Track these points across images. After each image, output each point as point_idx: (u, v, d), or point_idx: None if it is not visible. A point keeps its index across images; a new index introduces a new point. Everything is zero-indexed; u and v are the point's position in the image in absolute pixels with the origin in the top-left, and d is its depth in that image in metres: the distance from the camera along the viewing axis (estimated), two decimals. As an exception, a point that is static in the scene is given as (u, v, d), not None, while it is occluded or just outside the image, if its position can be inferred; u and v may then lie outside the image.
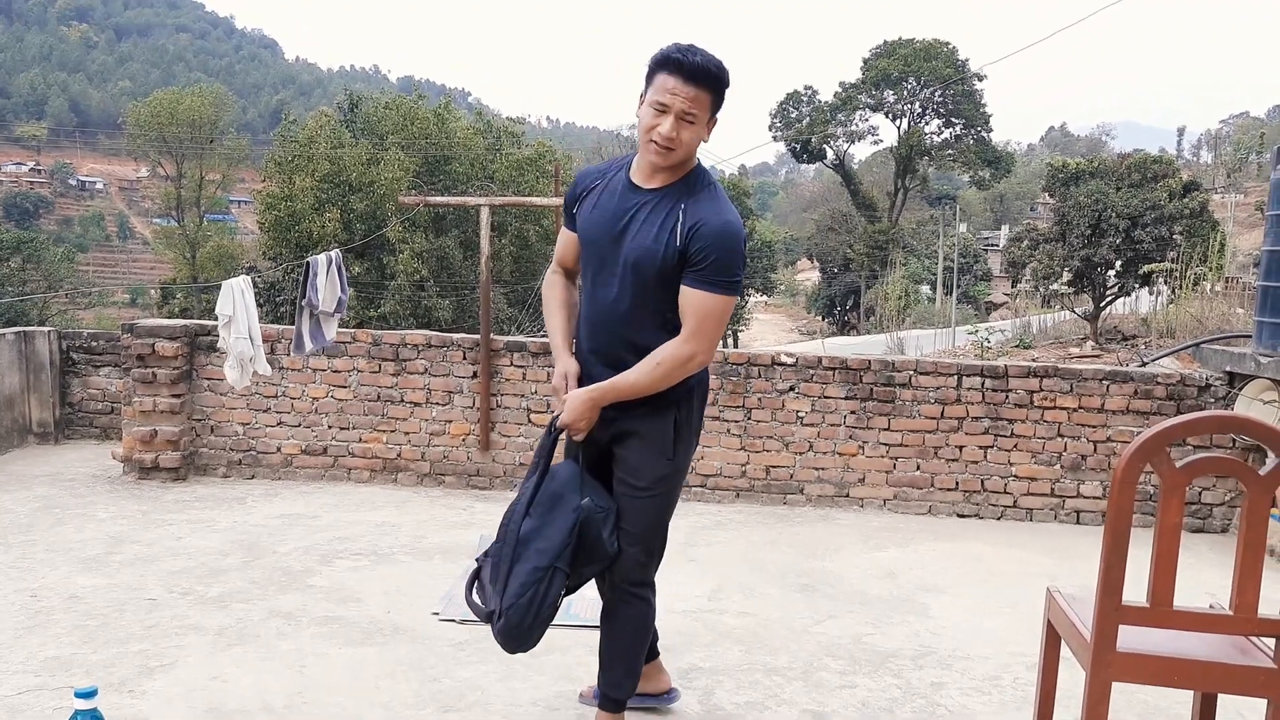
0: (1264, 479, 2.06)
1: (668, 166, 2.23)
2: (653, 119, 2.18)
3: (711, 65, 2.17)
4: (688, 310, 2.23)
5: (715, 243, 2.19)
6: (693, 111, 2.16)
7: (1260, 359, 4.77)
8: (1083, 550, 4.60)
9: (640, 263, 2.23)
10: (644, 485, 2.36)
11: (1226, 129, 70.16)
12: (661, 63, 2.18)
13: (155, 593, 3.59)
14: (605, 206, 2.31)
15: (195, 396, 5.54)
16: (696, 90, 2.16)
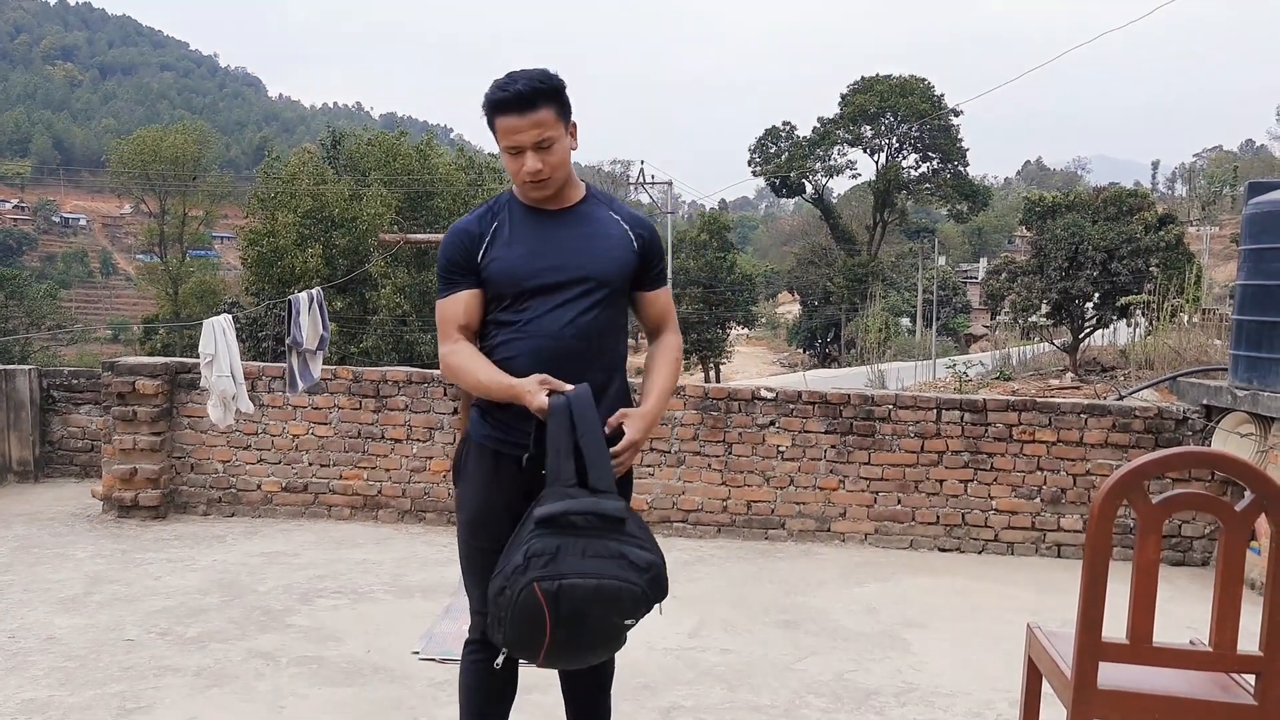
0: (1240, 515, 2.08)
1: (552, 194, 2.16)
2: (513, 163, 2.11)
3: (535, 83, 2.06)
4: (664, 308, 2.31)
5: (658, 243, 2.32)
6: (544, 136, 2.07)
7: (1236, 392, 4.84)
8: (1064, 584, 4.62)
9: (608, 274, 2.17)
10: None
11: (1200, 162, 71.66)
12: (491, 109, 2.09)
13: (133, 633, 3.54)
14: (525, 239, 2.15)
15: (175, 434, 5.50)
16: (536, 114, 2.05)
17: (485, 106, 2.10)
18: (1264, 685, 2.07)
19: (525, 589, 1.89)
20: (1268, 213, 4.72)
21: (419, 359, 22.77)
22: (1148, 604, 2.09)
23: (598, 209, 2.23)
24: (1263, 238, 4.74)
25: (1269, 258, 4.69)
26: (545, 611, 1.88)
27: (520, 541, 1.96)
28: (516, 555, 1.93)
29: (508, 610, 1.91)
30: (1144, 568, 2.09)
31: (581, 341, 2.13)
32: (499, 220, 2.19)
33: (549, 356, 2.10)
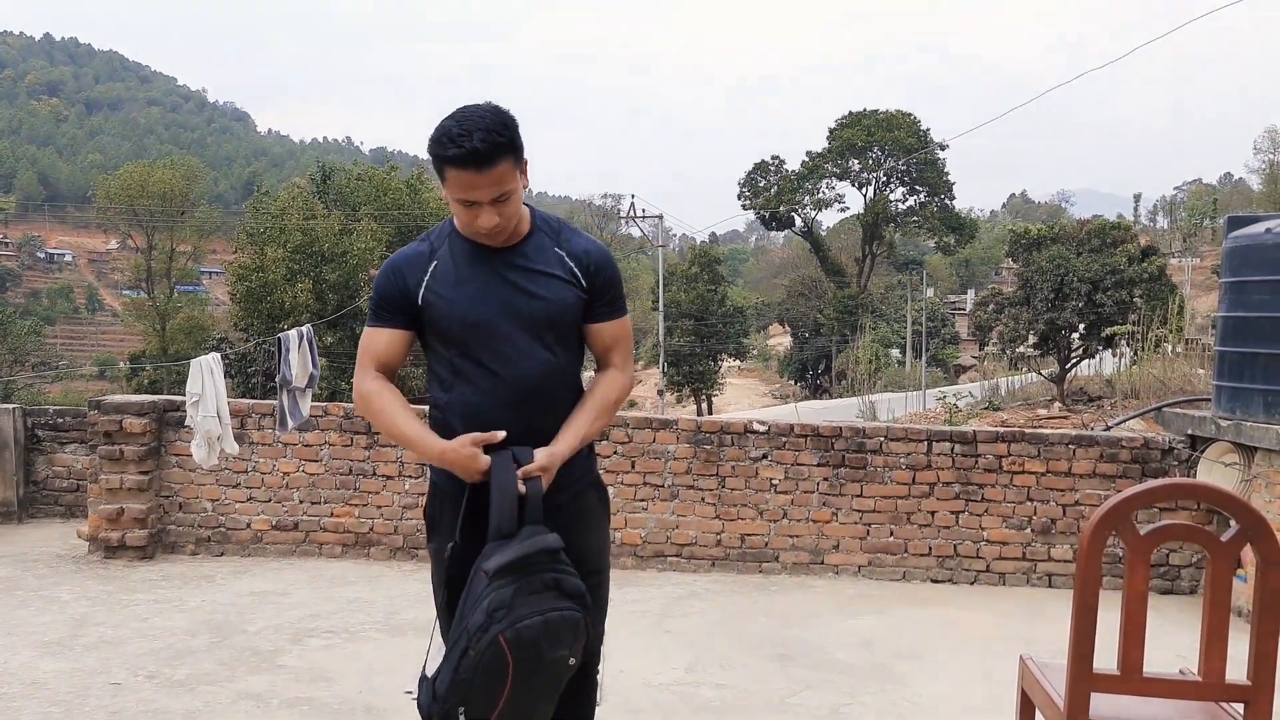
0: (1226, 545, 2.11)
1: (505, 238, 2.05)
2: (466, 214, 1.98)
3: (493, 136, 1.91)
4: (612, 342, 2.16)
5: (612, 272, 2.15)
6: (504, 191, 1.95)
7: (1220, 423, 4.89)
8: (1056, 614, 4.62)
9: (559, 318, 2.06)
10: (603, 567, 2.16)
11: (1180, 195, 72.80)
12: (443, 162, 1.94)
13: (120, 676, 3.50)
14: (471, 277, 2.04)
15: (163, 473, 5.47)
16: (495, 169, 1.92)
17: (435, 156, 1.94)
18: (1252, 714, 2.09)
19: (490, 644, 1.85)
20: (1246, 246, 4.82)
21: (410, 394, 22.66)
22: (1138, 634, 2.11)
23: (543, 244, 2.09)
24: (1243, 270, 4.82)
25: (1249, 290, 4.77)
26: (509, 660, 1.86)
27: (478, 596, 1.90)
28: (477, 614, 1.88)
29: (473, 671, 1.85)
30: (1133, 598, 2.12)
31: (535, 388, 2.04)
32: (439, 257, 2.07)
33: (504, 398, 2.01)
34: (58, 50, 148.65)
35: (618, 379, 2.16)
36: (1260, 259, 4.70)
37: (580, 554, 2.05)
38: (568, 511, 2.06)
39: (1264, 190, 48.96)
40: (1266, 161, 53.43)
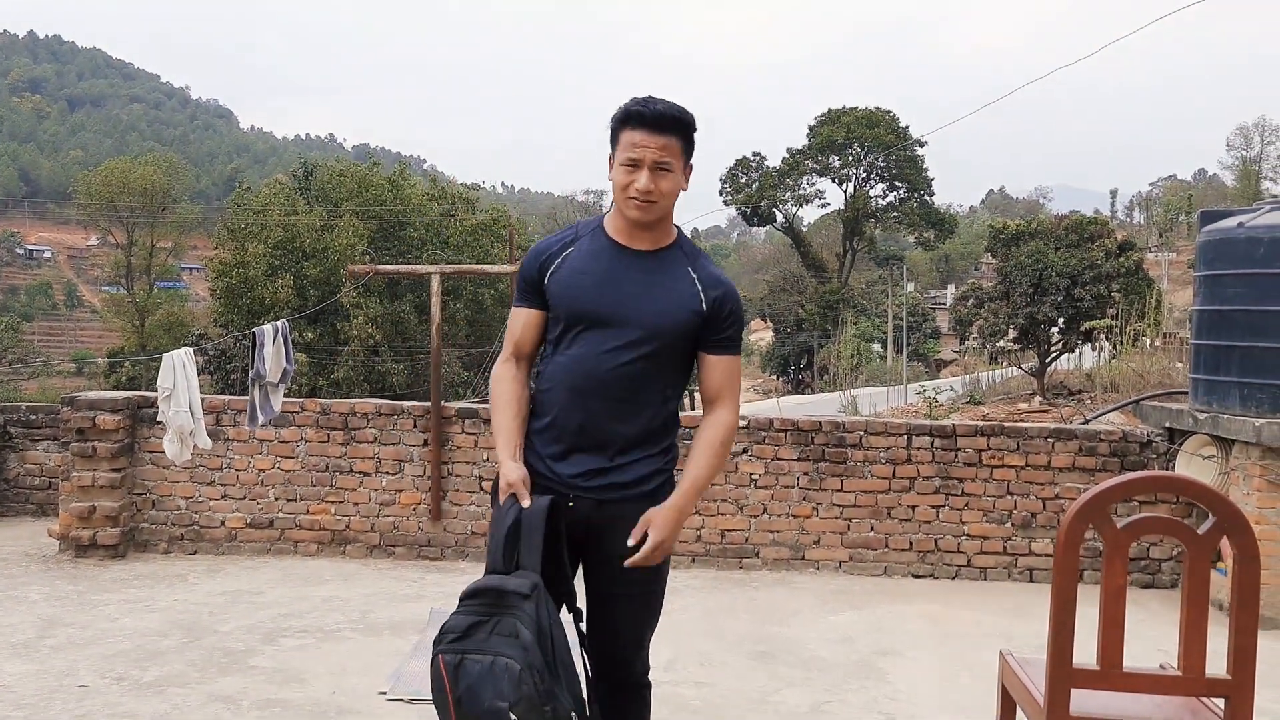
0: (1202, 538, 2.10)
1: (650, 221, 2.12)
2: (626, 176, 2.08)
3: (674, 110, 2.09)
4: (723, 378, 2.18)
5: (737, 308, 2.19)
6: (666, 160, 2.07)
7: (1197, 415, 4.91)
8: (1036, 609, 4.62)
9: (662, 327, 2.10)
10: (659, 575, 2.19)
11: (1156, 191, 73.62)
12: (624, 119, 2.09)
13: (87, 679, 3.42)
14: (594, 269, 2.13)
15: (136, 470, 5.37)
16: (665, 138, 2.06)
17: (618, 115, 2.10)
18: (1232, 708, 2.08)
19: (434, 659, 1.95)
20: (1220, 240, 4.84)
21: (391, 390, 22.58)
22: (1117, 628, 2.09)
23: (677, 261, 2.16)
24: (1216, 264, 4.84)
25: (1223, 283, 4.79)
26: (446, 684, 1.91)
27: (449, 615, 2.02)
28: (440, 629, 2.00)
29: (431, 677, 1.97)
30: (1112, 592, 2.10)
31: (616, 387, 2.10)
32: (577, 244, 2.18)
33: (581, 388, 2.10)
34: (41, 48, 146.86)
35: (726, 419, 2.18)
36: (1234, 253, 4.72)
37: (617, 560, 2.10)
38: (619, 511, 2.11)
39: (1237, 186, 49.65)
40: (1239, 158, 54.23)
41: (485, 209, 29.97)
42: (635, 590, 2.16)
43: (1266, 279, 4.58)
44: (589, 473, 2.12)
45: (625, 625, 2.19)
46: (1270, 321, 4.57)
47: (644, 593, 2.18)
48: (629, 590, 2.16)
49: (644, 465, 2.14)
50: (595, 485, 2.12)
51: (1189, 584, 2.12)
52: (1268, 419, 4.49)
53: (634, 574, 2.11)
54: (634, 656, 2.22)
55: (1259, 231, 4.63)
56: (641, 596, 2.18)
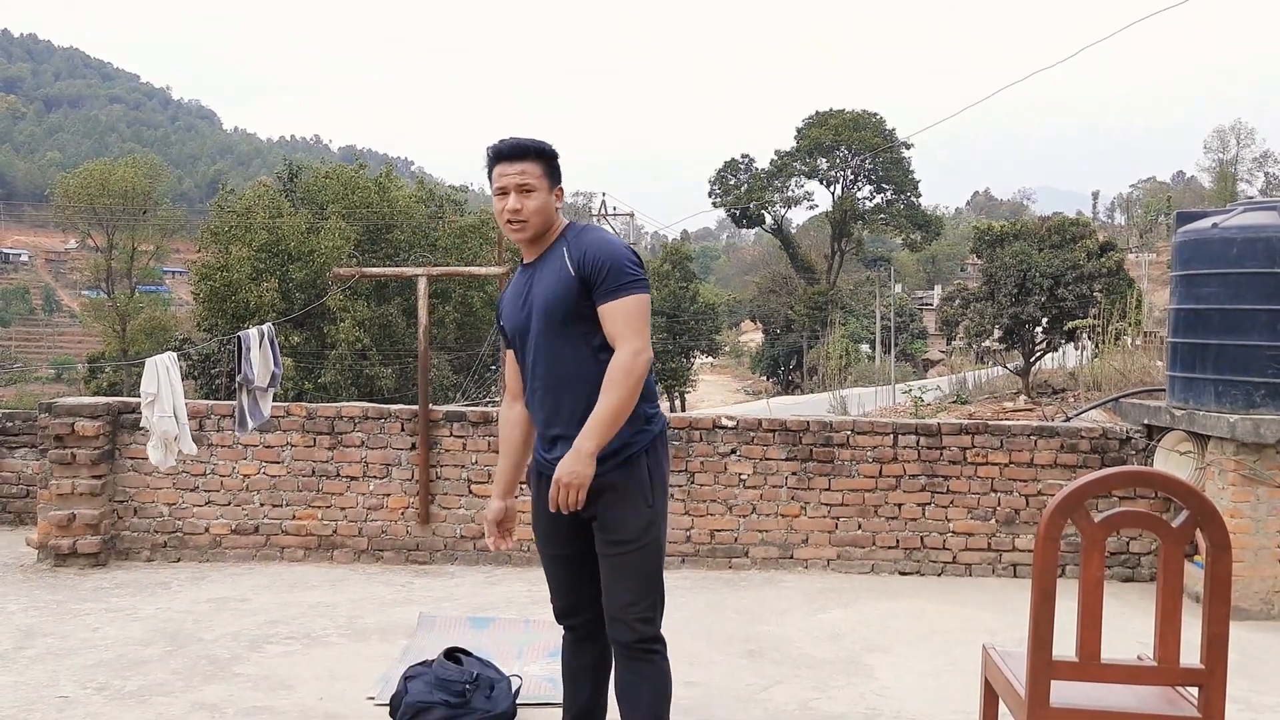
0: (1176, 531, 2.14)
1: (529, 238, 2.44)
2: (499, 203, 2.42)
3: (526, 141, 2.43)
4: (613, 322, 2.36)
5: (602, 257, 2.37)
6: (526, 183, 2.39)
7: (1174, 412, 4.98)
8: (1020, 604, 4.63)
9: (549, 306, 2.39)
10: (631, 538, 2.40)
11: (1136, 192, 74.33)
12: (490, 160, 2.44)
13: (68, 689, 3.39)
14: (516, 293, 2.53)
15: (117, 477, 5.33)
16: (522, 164, 2.39)
17: (486, 160, 2.45)
18: (1206, 697, 2.12)
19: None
20: (1195, 240, 4.91)
21: (379, 394, 22.50)
22: (1094, 621, 2.13)
23: (556, 249, 2.45)
24: (1192, 264, 4.91)
25: (1198, 283, 4.86)
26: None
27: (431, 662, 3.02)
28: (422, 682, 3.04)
29: None
30: (1089, 585, 2.14)
31: (550, 368, 2.42)
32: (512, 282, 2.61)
33: (536, 387, 2.47)
34: (16, 46, 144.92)
35: (621, 357, 2.34)
36: (1208, 253, 4.79)
37: (608, 525, 2.41)
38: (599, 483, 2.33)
39: (1214, 188, 50.28)
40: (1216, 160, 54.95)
41: (473, 211, 29.90)
42: (613, 553, 2.41)
43: (1240, 278, 4.65)
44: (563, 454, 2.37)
45: (615, 585, 2.42)
46: (1244, 320, 4.64)
47: (623, 554, 2.40)
48: (608, 552, 2.42)
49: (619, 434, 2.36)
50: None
51: (1164, 576, 2.16)
52: (1242, 415, 4.56)
53: (610, 537, 2.40)
54: (624, 615, 2.41)
55: (1232, 232, 4.71)
56: (622, 558, 2.40)
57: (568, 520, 2.42)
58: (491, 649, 3.63)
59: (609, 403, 2.31)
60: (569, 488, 2.27)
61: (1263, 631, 4.36)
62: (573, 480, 2.27)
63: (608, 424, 2.31)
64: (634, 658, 2.43)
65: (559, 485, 2.27)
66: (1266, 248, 4.58)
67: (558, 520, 2.43)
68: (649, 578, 2.43)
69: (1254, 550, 4.57)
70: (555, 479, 2.29)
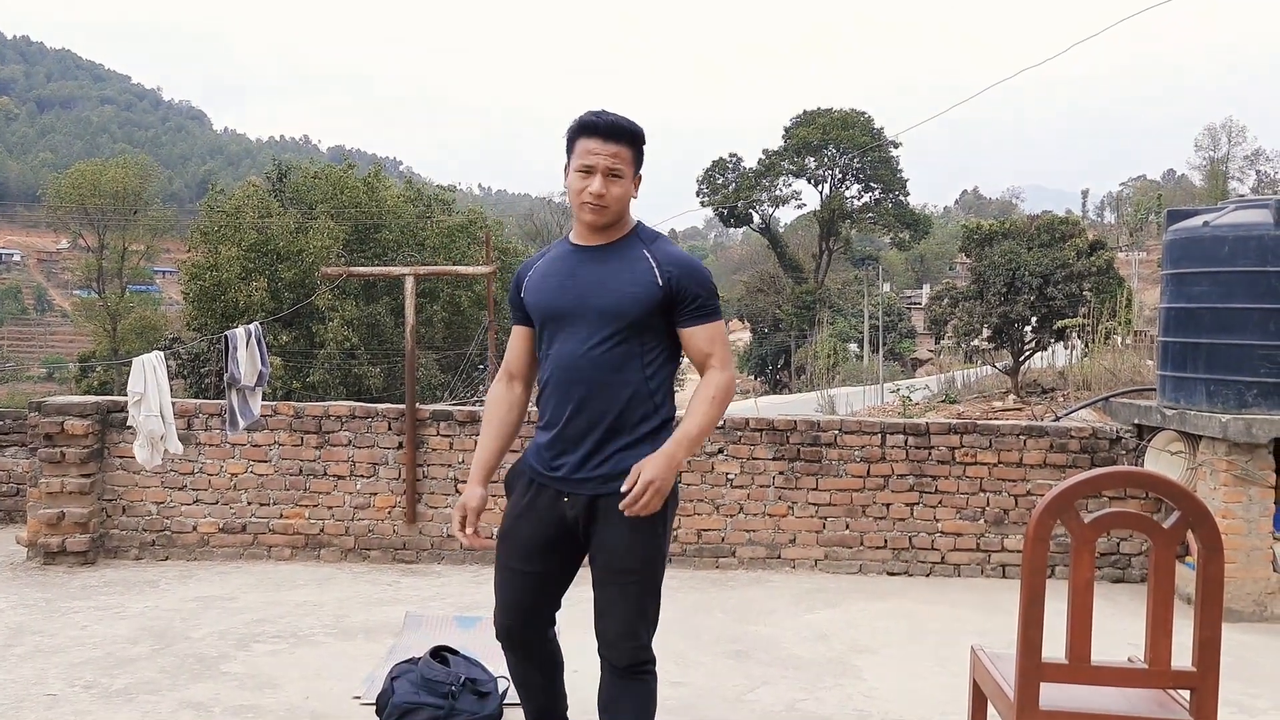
0: (1167, 532, 2.13)
1: (603, 224, 2.27)
2: (581, 182, 2.24)
3: (624, 122, 2.27)
4: (705, 343, 2.30)
5: (697, 279, 2.29)
6: (617, 167, 2.23)
7: (1165, 412, 4.98)
8: (1009, 605, 4.64)
9: (621, 308, 2.23)
10: (637, 567, 2.26)
11: (1126, 191, 74.76)
12: (579, 130, 2.26)
13: (56, 687, 3.36)
14: (557, 271, 2.33)
15: (106, 476, 5.29)
16: (616, 146, 2.24)
17: (573, 127, 2.28)
18: (1198, 700, 2.11)
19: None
20: (1185, 239, 4.90)
21: (367, 393, 22.43)
22: (1084, 623, 2.12)
23: (632, 246, 2.31)
24: (1182, 262, 4.91)
25: (1189, 281, 4.85)
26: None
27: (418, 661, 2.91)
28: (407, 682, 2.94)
29: None
30: (1079, 587, 2.13)
31: (592, 371, 2.24)
32: (543, 260, 2.38)
33: (563, 381, 2.27)
34: (8, 49, 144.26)
35: (717, 377, 2.29)
36: (1199, 251, 4.78)
37: (611, 552, 2.26)
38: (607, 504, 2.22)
39: (1205, 186, 50.56)
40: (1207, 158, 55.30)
41: (462, 211, 29.85)
42: (615, 580, 2.27)
43: (1231, 277, 4.64)
44: (579, 466, 2.25)
45: (615, 612, 2.28)
46: (1235, 319, 4.63)
47: (625, 583, 2.26)
48: (609, 579, 2.28)
49: (632, 456, 2.22)
50: (584, 478, 2.25)
51: (1155, 577, 2.15)
52: (1233, 415, 4.55)
53: (616, 564, 2.25)
54: (622, 642, 2.30)
55: (1223, 230, 4.69)
56: (624, 587, 2.26)
57: (551, 535, 2.29)
58: (478, 648, 3.61)
59: (707, 419, 2.23)
60: (659, 494, 2.14)
61: (1255, 633, 4.37)
62: (663, 486, 2.14)
63: (699, 439, 2.24)
64: (626, 677, 2.33)
65: (649, 486, 2.12)
66: (1258, 246, 4.56)
67: (537, 534, 2.30)
68: (650, 606, 2.31)
69: (1246, 551, 4.57)
70: (646, 479, 2.12)
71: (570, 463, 2.25)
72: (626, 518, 2.18)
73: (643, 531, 2.23)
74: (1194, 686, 2.11)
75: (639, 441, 2.25)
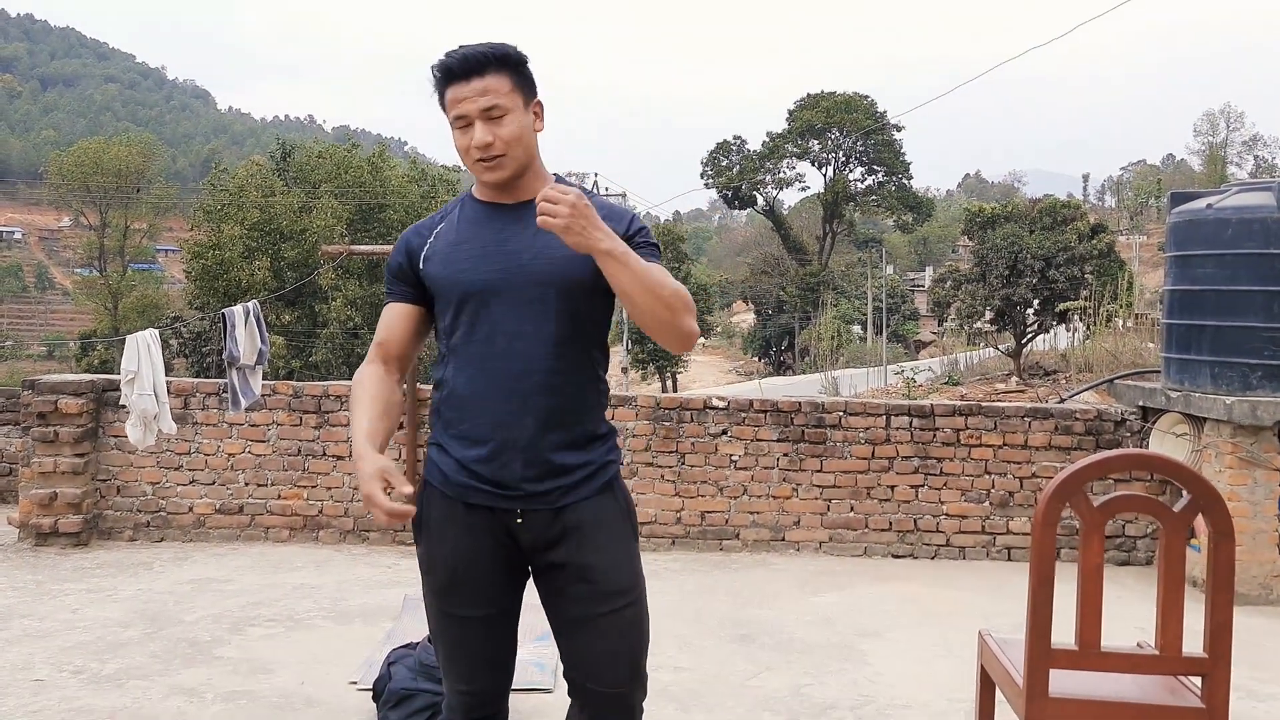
0: (1178, 516, 2.07)
1: (509, 178, 1.80)
2: (463, 138, 1.78)
3: (482, 48, 1.78)
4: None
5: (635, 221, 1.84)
6: (494, 105, 1.75)
7: (1170, 394, 4.93)
8: (1015, 588, 4.63)
9: (569, 278, 1.76)
10: (627, 585, 1.81)
11: (1126, 175, 74.54)
12: (438, 80, 1.80)
13: (43, 673, 3.31)
14: (473, 236, 1.82)
15: (101, 455, 5.24)
16: (483, 81, 1.76)
17: (433, 80, 1.81)
18: (1210, 687, 2.06)
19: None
20: (1189, 221, 4.85)
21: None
22: (1094, 608, 2.07)
23: None
24: (1187, 245, 4.86)
25: (1193, 264, 4.81)
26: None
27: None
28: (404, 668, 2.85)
29: None
30: (1088, 572, 2.07)
31: (549, 365, 1.77)
32: (447, 219, 1.89)
33: (498, 373, 1.76)
34: (12, 26, 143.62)
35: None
36: (1203, 234, 4.74)
37: (595, 572, 1.78)
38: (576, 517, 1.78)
39: (1203, 170, 50.47)
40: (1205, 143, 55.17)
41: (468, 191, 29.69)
42: (603, 610, 1.79)
43: (1235, 259, 4.60)
44: (532, 477, 1.76)
45: (598, 654, 1.80)
46: (1239, 301, 4.60)
47: (616, 610, 1.80)
48: (595, 610, 1.79)
49: (594, 452, 1.82)
50: (544, 490, 1.76)
51: (1164, 562, 2.10)
52: (1238, 397, 4.51)
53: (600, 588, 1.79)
54: (634, 689, 1.84)
55: (1227, 213, 4.65)
56: (615, 615, 1.80)
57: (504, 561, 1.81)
58: (478, 632, 3.57)
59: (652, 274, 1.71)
60: (579, 218, 1.63)
61: (1262, 616, 4.33)
62: (588, 226, 1.64)
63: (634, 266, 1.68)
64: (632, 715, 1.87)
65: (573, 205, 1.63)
66: (1262, 229, 4.52)
67: (486, 563, 1.79)
68: (644, 636, 1.86)
69: (1251, 534, 4.53)
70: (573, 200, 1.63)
71: (520, 472, 1.75)
72: (599, 528, 1.78)
73: (619, 538, 1.82)
74: (1205, 672, 2.07)
75: (598, 439, 1.83)
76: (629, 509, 1.88)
